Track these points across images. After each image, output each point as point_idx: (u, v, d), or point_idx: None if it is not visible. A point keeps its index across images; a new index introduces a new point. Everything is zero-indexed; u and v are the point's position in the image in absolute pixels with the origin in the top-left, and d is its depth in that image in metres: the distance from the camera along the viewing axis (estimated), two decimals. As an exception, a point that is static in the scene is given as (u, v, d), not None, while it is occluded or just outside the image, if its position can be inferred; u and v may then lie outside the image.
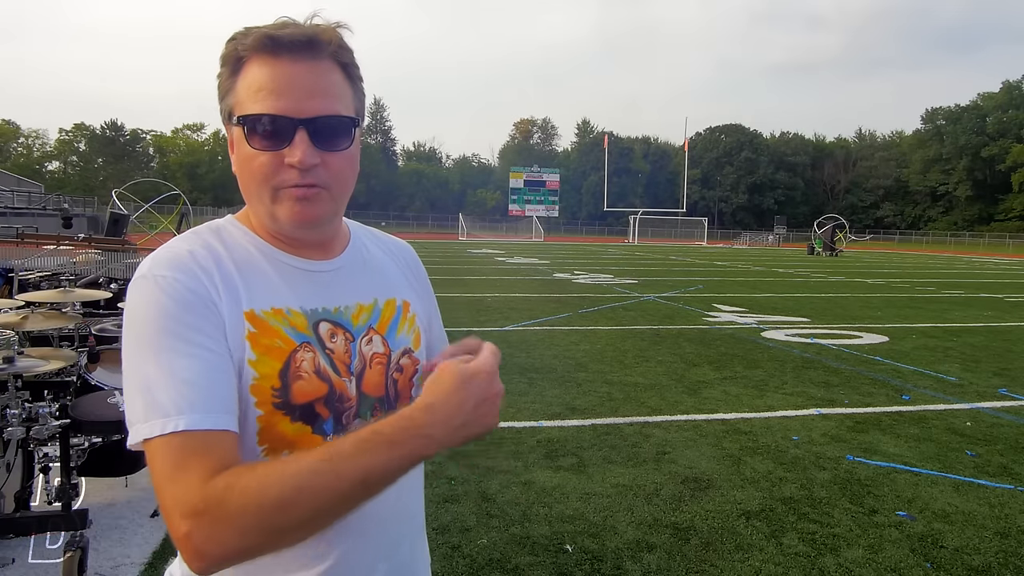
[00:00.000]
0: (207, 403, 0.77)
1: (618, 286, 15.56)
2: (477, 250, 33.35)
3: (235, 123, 0.85)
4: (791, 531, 3.36)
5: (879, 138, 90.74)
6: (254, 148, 0.84)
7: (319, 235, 0.93)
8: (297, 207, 0.85)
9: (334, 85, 0.86)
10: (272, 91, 0.83)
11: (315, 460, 0.72)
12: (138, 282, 0.83)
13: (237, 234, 0.92)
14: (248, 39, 0.84)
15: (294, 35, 0.83)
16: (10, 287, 4.82)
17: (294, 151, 0.83)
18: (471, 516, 3.41)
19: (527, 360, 7.00)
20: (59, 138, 76.45)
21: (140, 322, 0.80)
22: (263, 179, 0.85)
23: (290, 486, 0.71)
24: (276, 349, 0.85)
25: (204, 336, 0.80)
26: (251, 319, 0.85)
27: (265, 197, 0.86)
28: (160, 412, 0.76)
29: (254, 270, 0.89)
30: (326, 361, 0.89)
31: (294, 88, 0.83)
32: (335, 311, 0.93)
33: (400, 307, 1.01)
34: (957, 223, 75.85)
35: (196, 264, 0.84)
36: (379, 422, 0.76)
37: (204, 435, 0.76)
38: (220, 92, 0.88)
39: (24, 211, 20.21)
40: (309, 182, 0.84)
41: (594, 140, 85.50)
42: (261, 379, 0.84)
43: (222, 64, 0.87)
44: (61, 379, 3.09)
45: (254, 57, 0.84)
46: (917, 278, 20.81)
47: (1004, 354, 8.10)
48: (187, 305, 0.80)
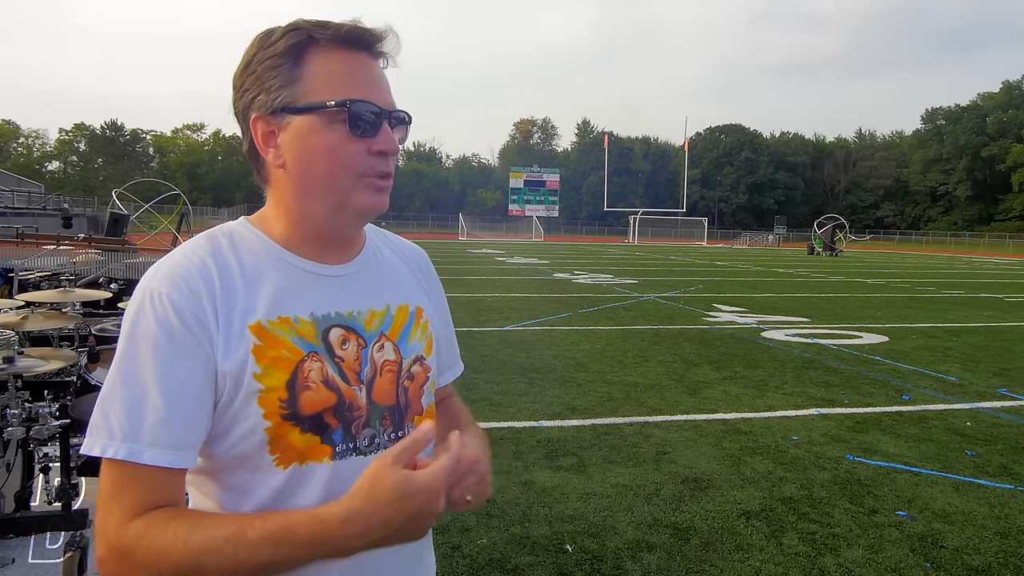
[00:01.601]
0: (155, 435, 0.78)
1: (618, 286, 15.56)
2: (477, 250, 33.35)
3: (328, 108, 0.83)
4: (791, 531, 3.36)
5: (879, 138, 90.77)
6: (352, 134, 0.84)
7: (359, 230, 0.96)
8: (376, 197, 0.88)
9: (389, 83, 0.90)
10: (363, 83, 0.85)
11: (221, 539, 0.73)
12: (137, 292, 0.84)
13: (251, 239, 0.91)
14: (332, 31, 0.84)
15: (373, 34, 0.86)
16: (10, 287, 4.82)
17: (387, 139, 0.86)
18: (471, 516, 3.41)
19: (527, 360, 7.00)
20: (59, 138, 76.58)
21: (124, 336, 0.81)
22: (350, 167, 0.85)
23: (190, 560, 0.72)
24: (283, 360, 0.84)
25: (178, 365, 0.79)
26: (256, 332, 0.84)
27: (341, 187, 0.86)
28: (107, 432, 0.78)
29: (263, 278, 0.88)
30: (335, 370, 0.88)
31: (377, 82, 0.87)
32: (348, 316, 0.91)
33: (413, 313, 0.99)
34: (957, 223, 75.83)
35: (196, 279, 0.83)
36: (293, 516, 0.74)
37: (141, 469, 0.77)
38: (272, 82, 0.85)
39: (24, 211, 20.22)
40: (389, 170, 0.88)
41: (594, 140, 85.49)
42: (268, 391, 0.83)
43: (279, 53, 0.84)
44: (61, 379, 3.09)
45: (330, 50, 0.85)
46: (917, 278, 20.81)
47: (1004, 354, 8.10)
48: (170, 330, 0.80)
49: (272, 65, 0.85)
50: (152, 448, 0.77)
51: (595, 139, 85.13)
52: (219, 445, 0.85)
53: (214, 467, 0.86)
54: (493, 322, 9.48)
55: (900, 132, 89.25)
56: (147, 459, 0.77)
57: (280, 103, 0.85)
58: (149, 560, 0.73)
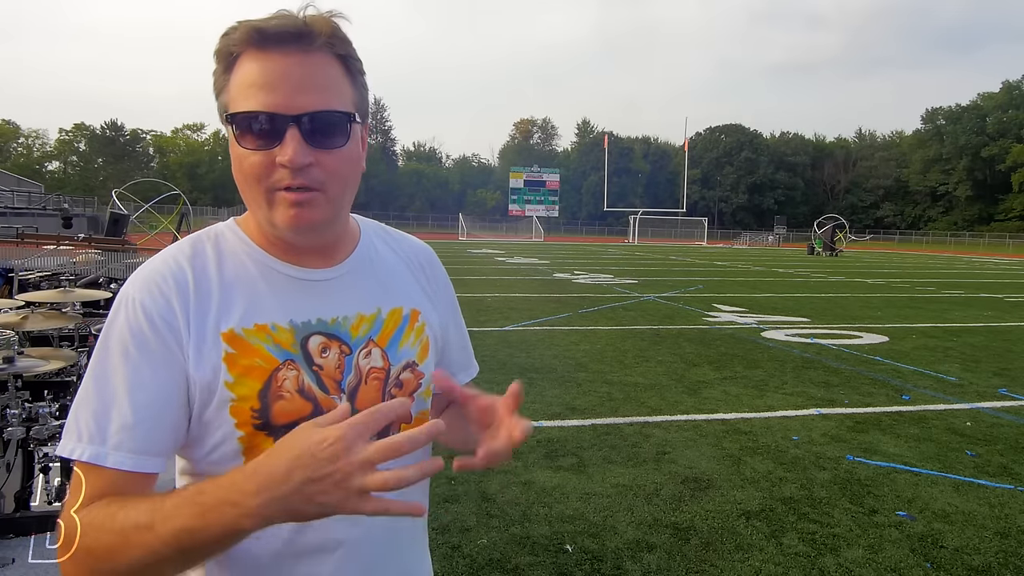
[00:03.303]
0: (120, 439, 0.78)
1: (618, 286, 15.56)
2: (477, 250, 33.33)
3: (225, 122, 0.82)
4: (791, 531, 3.36)
5: (879, 138, 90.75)
6: (245, 147, 0.80)
7: (319, 240, 0.89)
8: (292, 211, 0.80)
9: (329, 79, 0.81)
10: (262, 87, 0.78)
11: (144, 510, 0.71)
12: (117, 297, 0.85)
13: (234, 242, 0.89)
14: (236, 33, 0.80)
15: (283, 26, 0.78)
16: (10, 287, 4.82)
17: (285, 150, 0.78)
18: (471, 516, 3.41)
19: (527, 360, 7.00)
20: (59, 138, 76.50)
21: (100, 340, 0.83)
22: (255, 180, 0.80)
23: (117, 536, 0.72)
24: (256, 369, 0.83)
25: (147, 371, 0.79)
26: (229, 340, 0.82)
27: (260, 200, 0.82)
28: (75, 435, 0.78)
29: (242, 284, 0.86)
30: (312, 379, 0.85)
31: (284, 83, 0.78)
32: (332, 322, 0.88)
33: (407, 316, 0.95)
34: (957, 223, 75.82)
35: (169, 284, 0.83)
36: (211, 480, 0.70)
37: (105, 472, 0.77)
38: (215, 90, 0.84)
39: (24, 211, 20.20)
40: (301, 183, 0.79)
41: (594, 140, 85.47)
42: (239, 401, 0.82)
43: (216, 61, 0.83)
44: (61, 379, 3.10)
45: (245, 52, 0.80)
46: (917, 278, 20.81)
47: (1004, 354, 8.10)
48: (141, 336, 0.80)
49: (214, 72, 0.84)
50: (116, 452, 0.77)
51: (595, 139, 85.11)
52: (196, 450, 0.85)
53: (195, 471, 0.86)
54: (493, 322, 9.47)
55: (900, 132, 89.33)
56: (111, 463, 0.77)
57: (220, 111, 0.84)
58: (87, 543, 0.73)
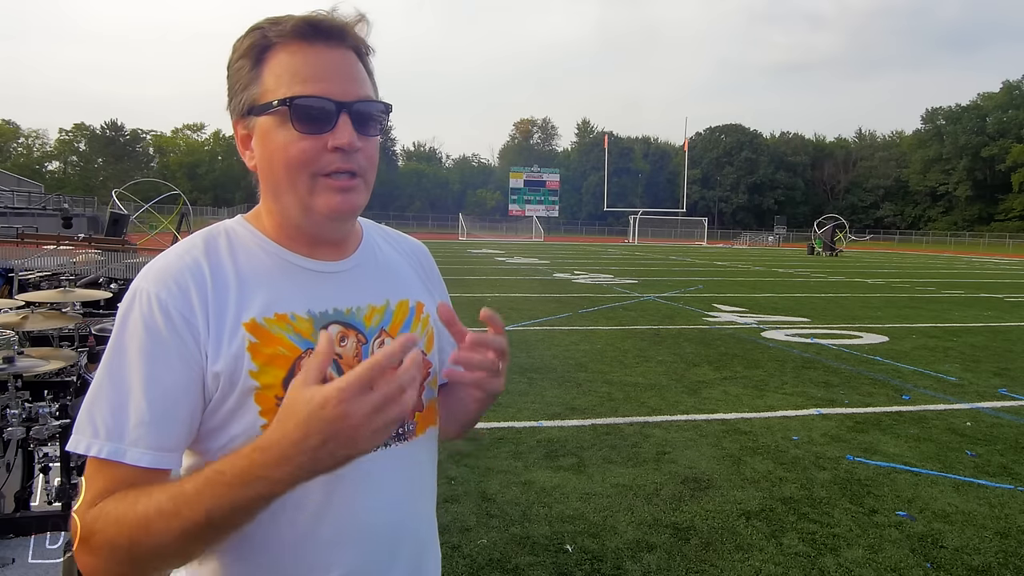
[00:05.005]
0: (138, 435, 0.78)
1: (618, 286, 15.56)
2: (477, 250, 33.34)
3: (274, 108, 0.83)
4: (791, 531, 3.36)
5: (879, 138, 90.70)
6: (298, 131, 0.82)
7: (346, 230, 0.93)
8: (338, 197, 0.84)
9: (363, 74, 0.87)
10: (312, 76, 0.82)
11: (164, 498, 0.73)
12: (129, 291, 0.84)
13: (246, 236, 0.91)
14: (284, 26, 0.83)
15: (331, 23, 0.84)
16: (10, 287, 4.82)
17: (340, 134, 0.82)
18: (471, 516, 3.41)
19: (527, 360, 7.00)
20: (59, 138, 76.51)
21: (113, 334, 0.82)
22: (301, 165, 0.83)
23: (139, 525, 0.73)
24: (280, 357, 0.84)
25: (164, 366, 0.80)
26: (252, 329, 0.84)
27: (301, 187, 0.84)
28: (91, 431, 0.79)
29: (259, 276, 0.87)
30: (333, 367, 0.86)
31: (336, 73, 0.84)
32: (347, 312, 0.91)
33: (413, 308, 0.99)
34: (957, 223, 75.80)
35: (187, 278, 0.83)
36: (224, 459, 0.73)
37: (123, 468, 0.78)
38: (238, 85, 0.86)
39: (24, 211, 20.23)
40: (350, 167, 0.84)
41: (594, 140, 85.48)
42: (264, 389, 0.83)
43: (242, 56, 0.85)
44: (61, 379, 3.09)
45: (286, 45, 0.83)
46: (917, 278, 20.81)
47: (1004, 354, 8.10)
48: (156, 331, 0.80)
49: (238, 68, 0.86)
50: (135, 448, 0.78)
51: (595, 139, 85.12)
52: (214, 441, 0.84)
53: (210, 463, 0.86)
54: (493, 322, 9.47)
55: (900, 132, 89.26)
56: (129, 459, 0.77)
57: (246, 106, 0.86)
58: (108, 536, 0.74)
